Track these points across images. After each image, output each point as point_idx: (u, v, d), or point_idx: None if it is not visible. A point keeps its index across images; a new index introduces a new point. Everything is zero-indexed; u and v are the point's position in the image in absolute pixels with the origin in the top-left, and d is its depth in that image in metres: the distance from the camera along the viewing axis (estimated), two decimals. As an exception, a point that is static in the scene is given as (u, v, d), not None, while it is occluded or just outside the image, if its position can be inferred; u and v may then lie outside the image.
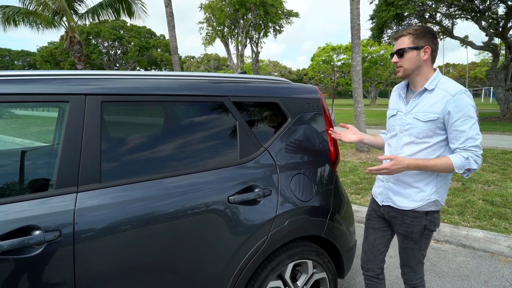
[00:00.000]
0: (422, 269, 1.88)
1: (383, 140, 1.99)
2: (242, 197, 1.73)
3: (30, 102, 1.42)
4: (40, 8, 12.56)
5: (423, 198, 1.70)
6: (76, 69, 14.27)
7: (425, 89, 1.66)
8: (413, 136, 1.69)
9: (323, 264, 2.06)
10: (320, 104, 2.19)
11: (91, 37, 32.82)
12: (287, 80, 2.23)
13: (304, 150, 2.05)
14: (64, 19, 13.52)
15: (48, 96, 1.42)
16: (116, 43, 34.69)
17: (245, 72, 2.66)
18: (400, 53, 1.67)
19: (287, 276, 1.93)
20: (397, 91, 1.87)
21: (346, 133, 1.96)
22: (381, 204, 1.87)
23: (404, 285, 1.96)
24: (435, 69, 1.69)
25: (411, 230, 1.75)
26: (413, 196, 1.72)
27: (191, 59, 72.48)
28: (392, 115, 1.84)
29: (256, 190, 1.78)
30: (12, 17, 12.46)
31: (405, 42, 1.66)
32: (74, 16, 13.73)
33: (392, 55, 1.73)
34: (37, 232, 1.28)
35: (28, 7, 12.89)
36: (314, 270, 2.05)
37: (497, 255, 3.18)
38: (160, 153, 1.64)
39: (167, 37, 36.82)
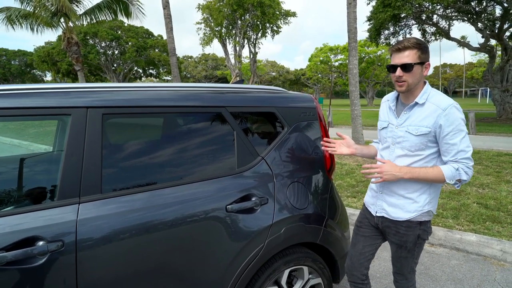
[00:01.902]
0: (414, 276, 1.93)
1: (375, 149, 2.02)
2: (240, 205, 1.77)
3: (32, 115, 1.46)
4: (38, 10, 12.60)
5: (417, 209, 1.73)
6: (74, 70, 14.31)
7: (416, 103, 1.68)
8: (406, 149, 1.71)
9: (318, 270, 2.11)
10: (316, 112, 2.24)
11: (88, 37, 32.72)
12: (284, 90, 2.28)
13: (300, 159, 2.10)
14: (62, 19, 13.56)
15: (50, 109, 1.46)
16: (113, 43, 34.59)
17: (242, 81, 2.70)
18: (407, 68, 1.60)
19: (283, 282, 1.98)
20: (386, 103, 1.88)
21: (341, 145, 1.97)
22: (374, 215, 1.89)
23: None
24: (424, 82, 1.71)
25: (405, 240, 1.78)
26: (407, 207, 1.75)
27: (189, 59, 72.40)
28: (384, 127, 1.85)
29: (253, 198, 1.82)
30: (16, 19, 12.57)
31: (412, 56, 1.60)
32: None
33: (393, 67, 1.64)
34: (40, 243, 1.32)
35: (26, 8, 12.95)
36: (310, 276, 2.10)
37: (490, 258, 3.24)
38: (159, 163, 1.69)
39: (164, 37, 36.73)
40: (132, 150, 1.69)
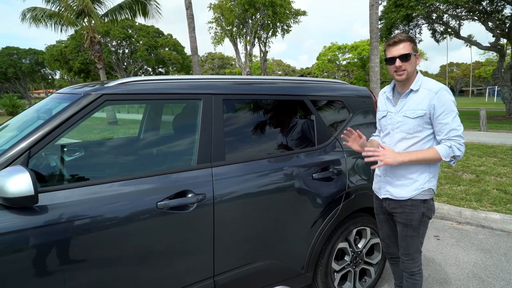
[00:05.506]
0: (420, 257, 2.03)
1: (377, 142, 2.13)
2: (321, 175, 2.21)
3: (177, 99, 1.92)
4: (63, 10, 13.14)
5: (418, 187, 1.88)
6: (96, 68, 14.86)
7: (411, 90, 1.86)
8: (404, 132, 1.87)
9: (377, 232, 2.53)
10: (373, 102, 2.66)
11: (99, 36, 33.30)
12: (345, 82, 2.70)
13: (362, 139, 2.52)
14: (85, 19, 14.08)
15: (189, 95, 1.91)
16: (124, 42, 35.14)
17: (302, 75, 3.13)
18: (405, 57, 1.80)
19: (351, 239, 2.41)
20: (384, 95, 2.05)
21: (355, 141, 2.03)
22: (381, 198, 2.05)
23: (403, 273, 2.08)
24: (417, 72, 1.90)
25: (411, 218, 1.91)
26: (409, 186, 1.89)
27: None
28: (383, 116, 2.01)
29: (331, 169, 2.26)
30: (42, 18, 13.09)
31: (407, 47, 1.79)
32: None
33: (391, 59, 1.82)
34: (190, 195, 1.76)
35: (52, 8, 13.49)
36: (371, 236, 2.53)
37: (513, 234, 3.66)
38: (263, 139, 2.14)
39: (174, 36, 37.22)
40: (244, 128, 2.13)
